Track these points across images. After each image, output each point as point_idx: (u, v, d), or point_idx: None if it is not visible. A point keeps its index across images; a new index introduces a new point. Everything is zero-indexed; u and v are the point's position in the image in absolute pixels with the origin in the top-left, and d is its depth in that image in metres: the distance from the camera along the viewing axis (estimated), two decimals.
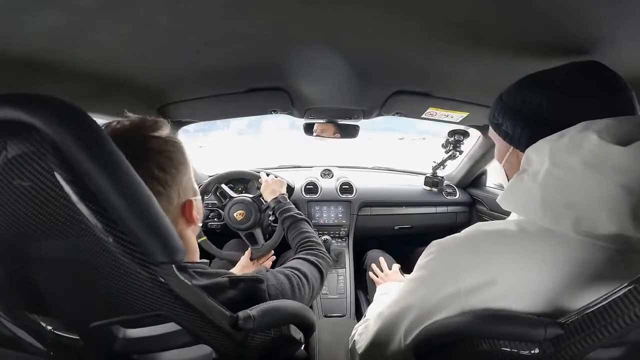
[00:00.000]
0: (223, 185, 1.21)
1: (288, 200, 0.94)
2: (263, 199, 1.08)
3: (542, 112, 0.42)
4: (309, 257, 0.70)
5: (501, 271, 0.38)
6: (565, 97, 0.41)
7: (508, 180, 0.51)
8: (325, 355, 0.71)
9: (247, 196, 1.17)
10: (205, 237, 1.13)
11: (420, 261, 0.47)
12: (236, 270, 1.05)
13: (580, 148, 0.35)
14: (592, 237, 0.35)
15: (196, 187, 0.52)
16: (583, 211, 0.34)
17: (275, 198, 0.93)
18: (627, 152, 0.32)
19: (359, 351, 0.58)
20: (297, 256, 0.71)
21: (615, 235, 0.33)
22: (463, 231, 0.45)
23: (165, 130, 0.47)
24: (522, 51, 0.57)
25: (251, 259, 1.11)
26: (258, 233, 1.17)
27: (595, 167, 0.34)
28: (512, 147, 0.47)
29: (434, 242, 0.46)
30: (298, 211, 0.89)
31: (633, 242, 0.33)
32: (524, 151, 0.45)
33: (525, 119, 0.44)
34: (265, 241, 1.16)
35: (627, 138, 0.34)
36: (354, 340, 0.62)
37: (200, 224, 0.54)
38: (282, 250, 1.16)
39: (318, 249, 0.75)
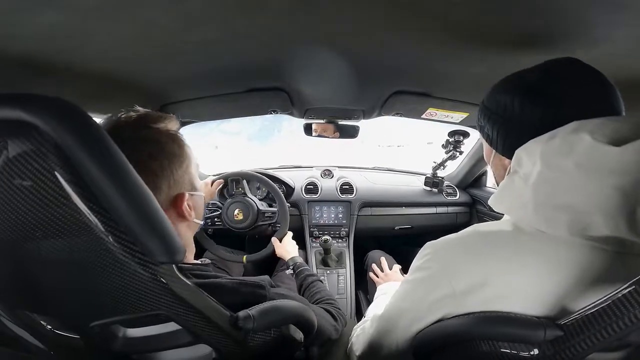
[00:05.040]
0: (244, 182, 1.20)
1: (303, 261, 1.00)
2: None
3: (516, 114, 0.41)
4: (330, 308, 0.71)
5: (496, 273, 0.38)
6: (539, 98, 0.40)
7: (495, 182, 0.51)
8: (326, 356, 0.71)
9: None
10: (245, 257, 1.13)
11: (415, 263, 0.47)
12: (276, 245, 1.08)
13: (573, 150, 0.34)
14: (589, 239, 0.34)
15: (197, 183, 0.51)
16: (577, 214, 0.33)
17: (293, 257, 1.00)
18: (621, 153, 0.31)
19: (357, 353, 0.57)
20: (318, 305, 0.71)
21: (611, 238, 0.33)
22: (459, 232, 0.44)
23: (167, 124, 0.48)
24: (523, 50, 0.57)
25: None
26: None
27: (589, 169, 0.33)
28: (494, 150, 0.47)
29: (428, 243, 0.46)
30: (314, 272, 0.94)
31: (630, 245, 0.33)
32: (503, 154, 0.45)
33: (500, 121, 0.44)
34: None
35: (620, 138, 0.32)
36: (352, 342, 0.62)
37: (201, 222, 0.54)
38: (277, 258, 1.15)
39: (339, 308, 0.75)
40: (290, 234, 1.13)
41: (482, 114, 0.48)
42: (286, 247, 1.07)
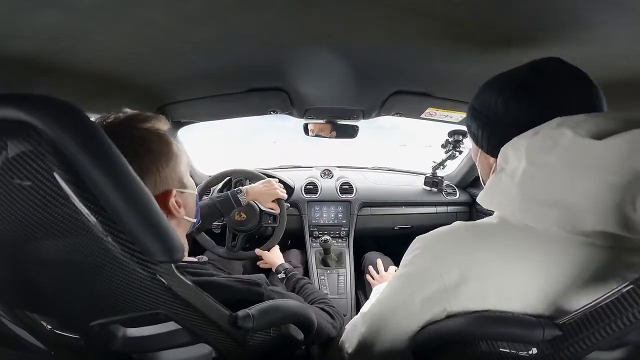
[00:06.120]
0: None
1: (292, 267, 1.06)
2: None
3: (499, 112, 0.42)
4: (325, 307, 0.72)
5: (487, 262, 0.38)
6: (523, 97, 0.41)
7: (482, 180, 0.51)
8: (326, 354, 0.71)
9: (257, 204, 1.16)
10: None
11: (406, 258, 0.46)
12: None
13: (555, 145, 0.34)
14: (579, 234, 0.34)
15: (188, 181, 0.51)
16: (566, 210, 0.33)
17: (282, 264, 1.06)
18: (603, 147, 0.31)
19: (348, 350, 0.55)
20: (313, 305, 0.72)
21: (602, 233, 0.33)
22: (448, 225, 0.44)
23: (155, 124, 0.48)
24: (523, 50, 0.57)
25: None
26: (242, 239, 1.16)
27: (573, 164, 0.33)
28: (480, 149, 0.48)
29: (419, 237, 0.46)
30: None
31: (621, 239, 0.33)
32: (488, 152, 0.46)
33: (485, 120, 0.45)
34: (244, 250, 1.16)
35: (601, 132, 0.33)
36: (342, 339, 0.60)
37: (194, 220, 0.54)
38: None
39: (333, 307, 0.76)
40: (277, 246, 1.17)
41: (469, 113, 0.49)
42: (275, 256, 1.12)
